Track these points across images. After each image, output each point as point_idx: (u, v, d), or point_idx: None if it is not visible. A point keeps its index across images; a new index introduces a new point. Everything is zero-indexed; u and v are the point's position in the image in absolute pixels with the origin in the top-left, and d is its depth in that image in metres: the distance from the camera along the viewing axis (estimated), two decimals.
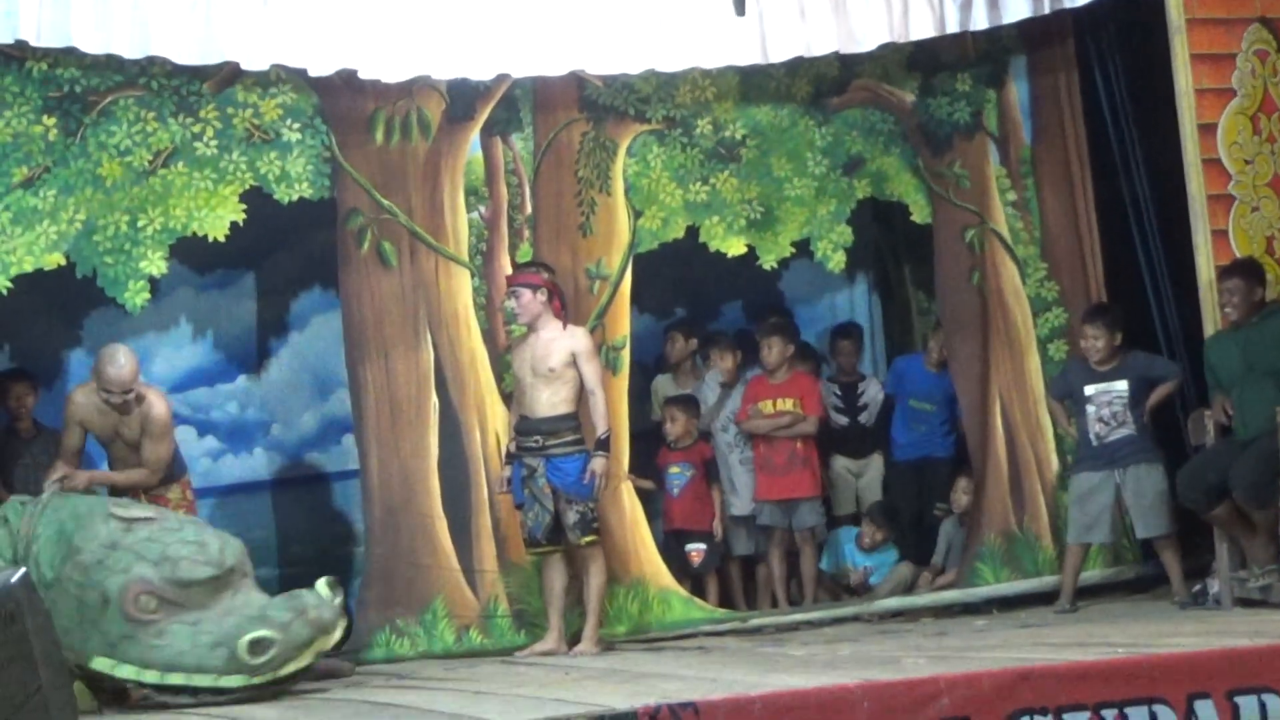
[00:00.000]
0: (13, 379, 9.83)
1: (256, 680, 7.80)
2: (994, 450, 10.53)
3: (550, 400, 9.30)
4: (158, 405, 8.89)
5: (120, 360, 8.77)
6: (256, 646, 7.77)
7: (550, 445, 9.29)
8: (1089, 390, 9.90)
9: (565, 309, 9.44)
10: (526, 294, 9.35)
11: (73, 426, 8.92)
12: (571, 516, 9.26)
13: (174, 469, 9.05)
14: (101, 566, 7.89)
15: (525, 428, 9.36)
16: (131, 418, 8.85)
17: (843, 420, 11.06)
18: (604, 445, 9.27)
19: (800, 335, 11.05)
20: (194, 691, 7.79)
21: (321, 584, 8.14)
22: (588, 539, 9.30)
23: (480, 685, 8.08)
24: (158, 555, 7.92)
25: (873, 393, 11.14)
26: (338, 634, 8.05)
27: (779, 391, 10.56)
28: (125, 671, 7.83)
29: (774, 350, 10.57)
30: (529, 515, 9.35)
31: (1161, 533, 9.87)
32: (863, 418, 11.11)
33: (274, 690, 7.85)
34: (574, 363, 9.28)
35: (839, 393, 11.11)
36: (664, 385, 10.89)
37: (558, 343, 9.32)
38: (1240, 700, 7.00)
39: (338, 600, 8.13)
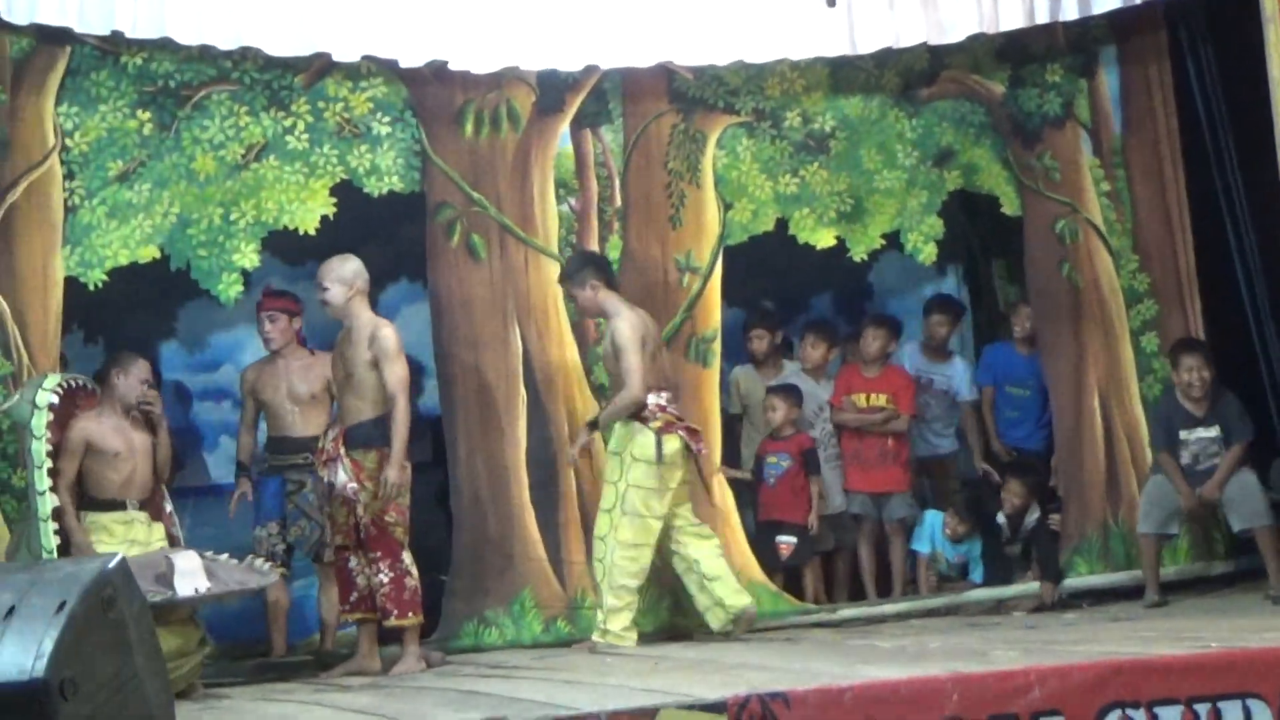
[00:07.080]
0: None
1: None
2: (1091, 442, 10.45)
3: (319, 421, 9.30)
4: (385, 328, 8.78)
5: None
6: None
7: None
8: (1183, 435, 9.82)
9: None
10: (284, 319, 9.48)
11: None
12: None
13: (378, 433, 8.68)
14: None
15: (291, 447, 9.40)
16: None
17: None
18: None
19: (902, 332, 10.90)
20: None
21: None
22: None
23: (569, 675, 8.10)
24: None
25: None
26: None
27: (872, 386, 10.50)
28: None
29: (877, 342, 10.51)
30: (292, 530, 9.40)
31: (1261, 524, 9.72)
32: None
33: None
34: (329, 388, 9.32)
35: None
36: (743, 377, 10.72)
37: (314, 370, 9.43)
38: None
39: None
